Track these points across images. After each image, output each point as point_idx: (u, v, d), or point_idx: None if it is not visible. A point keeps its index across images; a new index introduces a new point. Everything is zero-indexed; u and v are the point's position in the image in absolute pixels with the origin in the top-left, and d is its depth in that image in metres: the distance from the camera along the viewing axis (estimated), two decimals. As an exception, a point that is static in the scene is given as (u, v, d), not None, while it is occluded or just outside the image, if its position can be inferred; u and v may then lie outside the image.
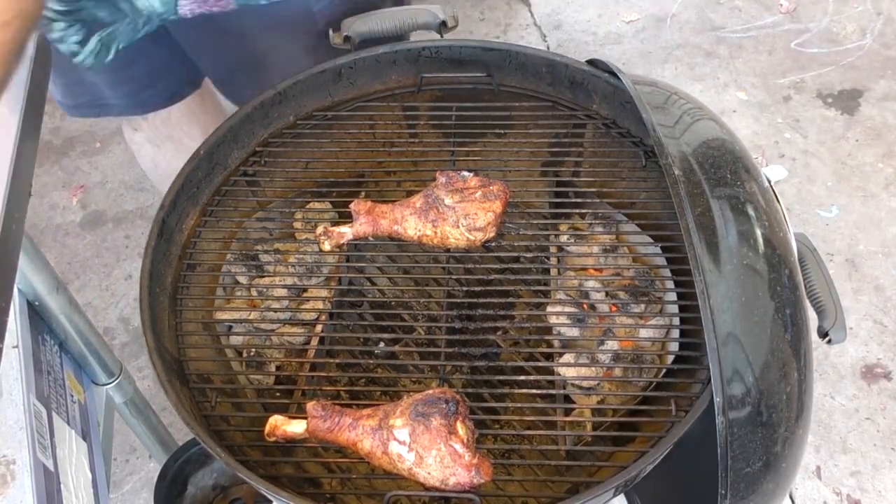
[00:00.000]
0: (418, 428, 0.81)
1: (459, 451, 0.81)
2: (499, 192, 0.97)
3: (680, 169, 0.86)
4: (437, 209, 0.97)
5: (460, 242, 0.97)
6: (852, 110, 2.39)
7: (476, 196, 0.96)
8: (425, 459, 0.81)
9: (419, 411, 0.82)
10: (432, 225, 0.96)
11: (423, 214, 0.97)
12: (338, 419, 0.85)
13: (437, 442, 0.80)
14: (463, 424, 0.82)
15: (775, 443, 0.81)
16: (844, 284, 2.01)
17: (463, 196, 0.97)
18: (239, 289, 1.10)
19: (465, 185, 0.98)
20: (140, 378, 1.90)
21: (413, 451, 0.81)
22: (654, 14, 2.70)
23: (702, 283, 0.79)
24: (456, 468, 0.80)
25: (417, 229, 0.97)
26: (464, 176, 0.98)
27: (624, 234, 1.12)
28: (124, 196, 2.31)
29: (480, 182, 0.98)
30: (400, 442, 0.82)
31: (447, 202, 0.96)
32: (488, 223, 0.96)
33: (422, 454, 0.81)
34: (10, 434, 0.91)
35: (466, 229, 0.95)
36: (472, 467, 0.81)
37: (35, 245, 1.01)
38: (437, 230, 0.96)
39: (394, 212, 0.99)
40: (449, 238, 0.97)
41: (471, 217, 0.95)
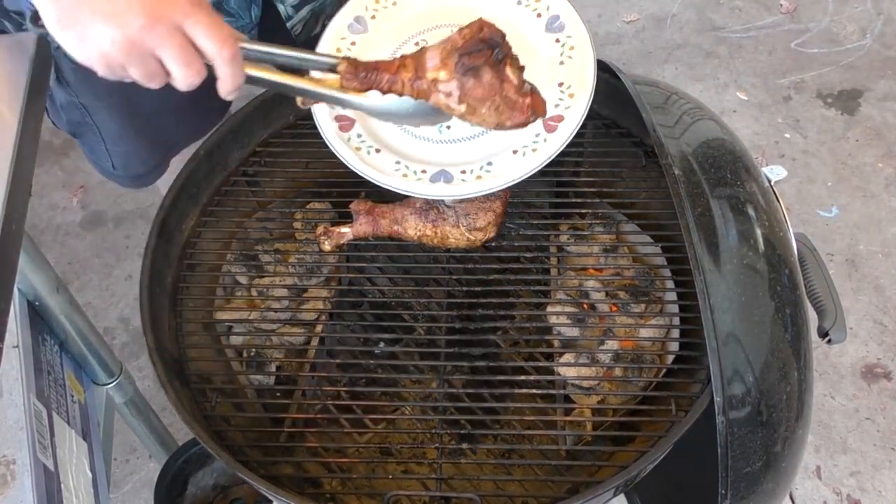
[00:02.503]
0: (467, 83, 0.77)
1: (513, 97, 0.79)
2: (499, 192, 0.97)
3: (680, 169, 0.86)
4: (438, 209, 0.97)
5: (460, 242, 0.97)
6: (852, 110, 2.39)
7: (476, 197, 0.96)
8: (478, 110, 0.79)
9: (465, 65, 0.76)
10: (432, 225, 0.96)
11: (423, 214, 0.97)
12: (374, 76, 0.78)
13: (492, 94, 0.78)
14: (511, 66, 0.78)
15: (775, 443, 0.82)
16: (844, 284, 2.01)
17: None
18: (239, 289, 1.10)
19: None
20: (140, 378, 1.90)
21: (464, 103, 0.78)
22: (654, 14, 2.70)
23: (702, 282, 0.79)
24: (512, 113, 0.80)
25: (417, 229, 0.97)
26: None
27: (624, 234, 1.12)
28: (124, 196, 2.31)
29: None
30: (446, 94, 0.78)
31: (447, 202, 0.96)
32: (488, 223, 0.95)
33: (474, 105, 0.79)
34: (10, 434, 0.91)
35: (467, 229, 0.95)
36: (526, 108, 0.80)
37: (35, 245, 1.01)
38: (437, 230, 0.96)
39: (394, 212, 0.98)
40: (449, 238, 0.96)
41: (471, 217, 0.95)
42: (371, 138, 0.94)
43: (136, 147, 1.25)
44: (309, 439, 1.01)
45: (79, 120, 1.20)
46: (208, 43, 0.71)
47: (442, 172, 0.90)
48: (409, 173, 0.90)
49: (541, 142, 0.89)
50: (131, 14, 0.68)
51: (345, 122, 0.94)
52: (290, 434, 0.94)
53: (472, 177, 0.89)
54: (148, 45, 0.69)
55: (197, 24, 0.70)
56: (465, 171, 0.90)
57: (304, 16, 1.15)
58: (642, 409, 0.94)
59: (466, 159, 0.92)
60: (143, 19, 0.68)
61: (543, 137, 0.89)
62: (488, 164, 0.90)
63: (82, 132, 1.23)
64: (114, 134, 1.22)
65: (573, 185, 1.12)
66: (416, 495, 0.91)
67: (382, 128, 0.95)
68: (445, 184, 0.89)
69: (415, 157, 0.93)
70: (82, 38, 0.70)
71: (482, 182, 0.89)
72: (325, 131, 0.94)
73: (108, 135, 1.22)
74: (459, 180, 0.89)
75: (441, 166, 0.91)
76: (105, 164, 1.29)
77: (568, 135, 0.88)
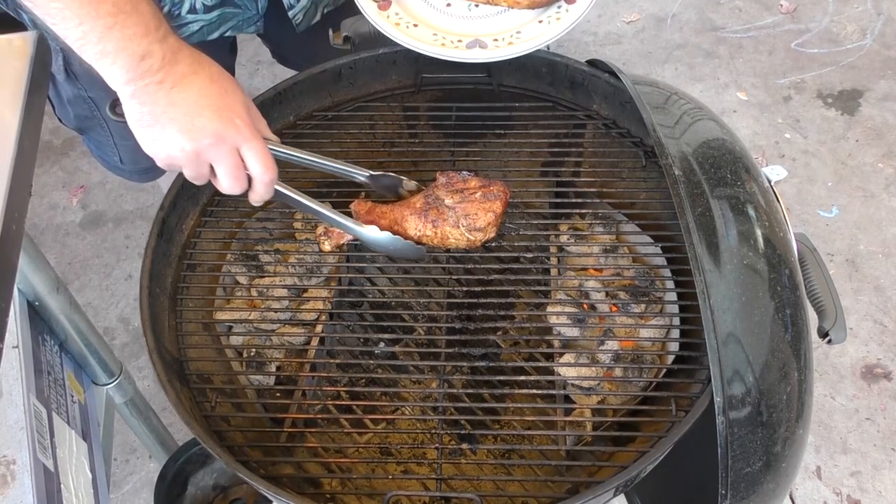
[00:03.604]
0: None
1: None
2: (499, 193, 0.97)
3: (680, 169, 0.86)
4: (438, 209, 0.97)
5: (460, 243, 0.97)
6: (852, 110, 2.39)
7: (476, 196, 0.97)
8: None
9: None
10: (432, 225, 0.97)
11: (423, 215, 0.97)
12: None
13: None
14: None
15: (775, 443, 0.81)
16: (844, 284, 2.01)
17: (463, 196, 0.97)
18: (239, 289, 1.10)
19: (465, 185, 0.98)
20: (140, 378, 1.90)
21: None
22: (654, 14, 2.70)
23: (702, 283, 0.79)
24: None
25: (417, 229, 0.97)
26: (464, 176, 0.99)
27: (624, 234, 1.12)
28: (124, 196, 2.31)
29: (481, 182, 0.98)
30: None
31: (447, 202, 0.97)
32: (488, 223, 0.96)
33: None
34: (10, 434, 0.91)
35: (467, 229, 0.96)
36: None
37: (35, 245, 1.01)
38: (437, 230, 0.97)
39: (394, 212, 0.99)
40: (449, 238, 0.97)
41: (471, 217, 0.96)
42: (408, 15, 1.06)
43: None
44: (309, 439, 1.01)
45: (87, 114, 1.20)
46: (258, 167, 0.83)
47: (476, 41, 1.03)
48: (447, 42, 1.03)
49: (563, 12, 1.03)
50: (203, 133, 0.79)
51: (383, 3, 1.07)
52: (290, 434, 0.94)
53: (504, 43, 1.02)
54: (209, 158, 0.81)
55: (251, 150, 0.82)
56: (497, 40, 1.03)
57: (305, 4, 1.16)
58: (642, 409, 0.94)
59: (498, 29, 1.05)
60: (212, 139, 0.79)
61: (566, 8, 1.03)
62: (517, 33, 1.03)
63: (90, 127, 1.24)
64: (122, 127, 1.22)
65: (573, 185, 1.12)
66: (416, 495, 0.91)
67: (417, 7, 1.07)
68: (481, 49, 1.02)
69: (450, 30, 1.05)
70: (156, 141, 0.80)
71: (513, 47, 1.01)
72: (366, 10, 1.05)
73: (116, 128, 1.22)
74: (493, 46, 1.02)
75: (475, 36, 1.04)
76: (112, 159, 1.30)
77: (588, 4, 1.01)
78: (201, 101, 0.79)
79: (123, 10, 0.74)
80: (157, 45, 0.76)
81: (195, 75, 0.79)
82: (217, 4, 1.09)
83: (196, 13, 1.09)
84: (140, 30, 0.75)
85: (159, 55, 0.76)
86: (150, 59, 0.76)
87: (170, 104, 0.78)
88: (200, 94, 0.79)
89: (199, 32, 1.12)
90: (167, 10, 1.08)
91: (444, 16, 1.07)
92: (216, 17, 1.11)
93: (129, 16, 0.74)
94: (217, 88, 0.81)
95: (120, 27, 0.74)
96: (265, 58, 2.43)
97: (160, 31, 0.77)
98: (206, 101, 0.79)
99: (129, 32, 0.74)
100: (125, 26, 0.74)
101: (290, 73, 1.27)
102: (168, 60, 0.77)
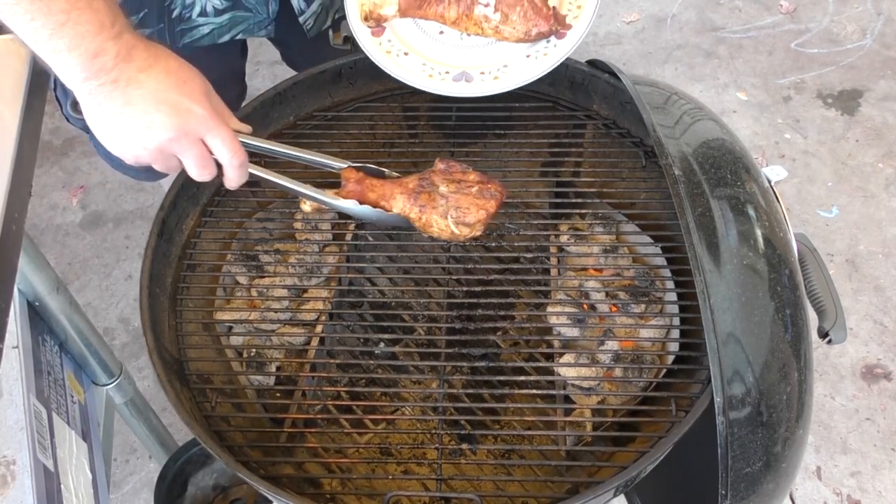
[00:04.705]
0: None
1: (538, 4, 1.00)
2: (495, 192, 0.96)
3: (680, 169, 0.86)
4: (430, 195, 0.94)
5: (444, 234, 0.94)
6: (852, 110, 2.39)
7: (472, 191, 0.95)
8: (510, 16, 1.00)
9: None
10: (419, 210, 0.93)
11: (413, 197, 0.94)
12: None
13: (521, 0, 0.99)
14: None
15: (775, 443, 0.81)
16: (844, 284, 2.01)
17: (459, 188, 0.95)
18: (239, 289, 1.10)
19: (463, 176, 0.96)
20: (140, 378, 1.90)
21: (498, 11, 1.00)
22: (654, 14, 2.70)
23: (702, 283, 0.79)
24: (538, 20, 1.00)
25: (403, 210, 0.94)
26: (464, 167, 0.97)
27: (624, 234, 1.12)
28: (124, 196, 2.31)
29: (479, 178, 0.97)
30: (485, 5, 1.02)
31: (441, 190, 0.94)
32: (478, 220, 0.93)
33: (506, 12, 1.00)
34: (10, 434, 0.91)
35: (454, 222, 0.93)
36: (549, 17, 1.00)
37: (35, 245, 1.01)
38: (422, 216, 0.93)
39: (384, 187, 0.95)
40: (433, 226, 0.94)
41: (462, 210, 0.93)
42: (400, 43, 1.07)
43: None
44: (309, 439, 1.01)
45: None
46: (224, 154, 0.82)
47: (463, 73, 1.03)
48: (434, 73, 1.03)
49: (551, 47, 1.02)
50: (163, 129, 0.78)
51: (376, 29, 1.08)
52: (290, 434, 0.94)
53: (489, 77, 1.02)
54: (173, 151, 0.80)
55: (215, 138, 0.81)
56: (483, 73, 1.03)
57: (316, 10, 1.16)
58: (642, 409, 0.94)
59: (485, 62, 1.04)
60: (173, 133, 0.78)
61: (553, 43, 1.02)
62: (504, 67, 1.03)
63: None
64: None
65: (573, 185, 1.12)
66: (416, 495, 0.91)
67: (410, 34, 1.08)
68: (466, 83, 1.02)
69: (439, 59, 1.05)
70: (117, 141, 0.80)
71: (498, 82, 1.01)
72: (359, 36, 1.06)
73: None
74: (479, 80, 1.02)
75: (462, 68, 1.04)
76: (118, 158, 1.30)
77: (576, 41, 1.01)
78: (158, 96, 0.77)
79: (77, 7, 0.72)
80: (110, 42, 0.74)
81: (151, 69, 0.78)
82: (228, 8, 1.09)
83: (207, 16, 1.09)
84: (94, 27, 0.73)
85: (113, 52, 0.75)
86: (104, 56, 0.74)
87: (126, 103, 0.77)
88: (157, 88, 0.78)
89: (209, 35, 1.11)
90: (177, 13, 1.08)
91: (435, 43, 1.07)
92: (227, 21, 1.11)
93: (82, 12, 0.73)
94: (174, 80, 0.79)
95: (72, 24, 0.72)
96: (265, 58, 2.43)
97: (115, 27, 0.75)
98: (163, 96, 0.78)
99: (82, 30, 0.73)
100: (77, 23, 0.72)
101: (290, 73, 1.27)
102: (122, 57, 0.76)
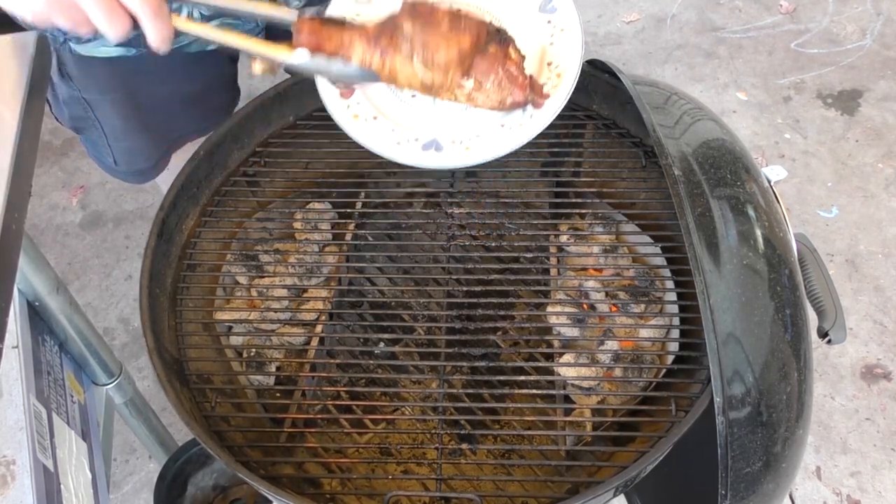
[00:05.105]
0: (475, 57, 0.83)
1: (514, 73, 0.86)
2: (469, 26, 0.82)
3: (680, 169, 0.86)
4: (391, 37, 0.81)
5: (413, 83, 0.83)
6: (852, 110, 2.39)
7: (442, 26, 0.81)
8: (484, 84, 0.85)
9: None
10: (381, 55, 0.81)
11: (373, 42, 0.81)
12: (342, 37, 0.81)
13: (495, 67, 0.83)
14: (514, 48, 0.85)
15: (775, 443, 0.81)
16: (844, 284, 2.01)
17: (425, 24, 0.82)
18: (239, 289, 1.10)
19: (431, 12, 0.83)
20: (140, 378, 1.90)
21: (472, 78, 0.84)
22: (654, 14, 2.70)
23: (702, 283, 0.79)
24: (513, 89, 0.86)
25: (363, 60, 0.82)
26: (434, 4, 0.84)
27: (624, 234, 1.12)
28: (124, 196, 2.31)
29: (449, 11, 0.83)
30: None
31: (405, 29, 0.81)
32: (449, 60, 0.81)
33: (480, 80, 0.84)
34: (10, 434, 0.91)
35: (421, 63, 0.81)
36: (525, 87, 0.87)
37: (35, 245, 1.01)
38: (385, 62, 0.81)
39: (342, 34, 0.82)
40: (399, 75, 0.82)
41: (429, 50, 0.80)
42: (370, 105, 0.98)
43: (138, 142, 1.25)
44: (309, 439, 1.01)
45: (81, 115, 1.20)
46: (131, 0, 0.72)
47: (434, 142, 0.95)
48: (403, 141, 0.96)
49: (527, 118, 0.92)
50: None
51: (345, 91, 0.99)
52: (290, 434, 0.94)
53: (461, 147, 0.94)
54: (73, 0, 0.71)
55: None
56: (454, 142, 0.95)
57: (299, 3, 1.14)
58: (642, 409, 0.94)
59: (457, 130, 0.96)
60: None
61: (530, 114, 0.92)
62: (476, 136, 0.95)
63: (84, 127, 1.23)
64: (116, 129, 1.22)
65: (573, 185, 1.12)
66: (416, 496, 0.91)
67: (381, 97, 0.99)
68: (436, 152, 0.94)
69: (410, 125, 0.97)
70: None
71: (470, 153, 0.93)
72: (325, 99, 0.99)
73: (110, 130, 1.22)
74: (449, 149, 0.94)
75: (433, 135, 0.96)
76: (107, 160, 1.29)
77: (554, 112, 0.91)
78: None
79: None
80: None
81: None
82: (215, 15, 1.09)
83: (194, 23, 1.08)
84: None
85: None
86: None
87: None
88: None
89: (197, 42, 1.11)
90: None
91: (407, 108, 0.99)
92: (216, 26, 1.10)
93: None
94: None
95: None
96: (265, 58, 2.43)
97: None
98: None
99: None
100: None
101: (290, 73, 1.27)
102: None
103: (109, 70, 1.13)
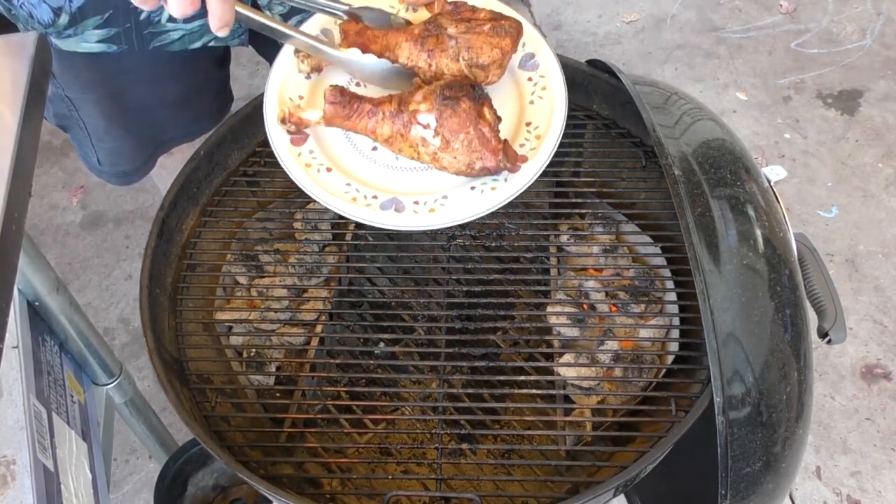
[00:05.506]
0: (445, 112, 0.79)
1: (487, 135, 0.80)
2: (510, 29, 0.85)
3: (680, 169, 0.86)
4: (437, 38, 0.84)
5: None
6: (852, 111, 2.39)
7: (485, 29, 0.85)
8: (451, 144, 0.80)
9: (446, 95, 0.79)
10: (428, 56, 0.84)
11: (419, 42, 0.84)
12: (357, 105, 0.83)
13: (466, 125, 0.79)
14: (489, 108, 0.81)
15: (775, 443, 0.81)
16: (844, 284, 2.01)
17: (469, 27, 0.85)
18: (239, 289, 1.10)
19: (473, 15, 0.87)
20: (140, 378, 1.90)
21: (439, 135, 0.80)
22: (654, 14, 2.70)
23: (702, 283, 0.79)
24: (483, 152, 0.80)
25: (410, 59, 0.85)
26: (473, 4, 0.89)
27: (624, 234, 1.12)
28: (124, 196, 2.31)
29: (492, 15, 0.87)
30: (424, 126, 0.81)
31: (450, 31, 0.84)
32: (493, 61, 0.84)
33: (448, 138, 0.80)
34: (10, 434, 0.91)
35: (467, 64, 0.84)
36: (498, 151, 0.81)
37: (35, 245, 1.01)
38: (432, 62, 0.84)
39: (387, 37, 0.86)
40: (444, 73, 0.85)
41: (474, 51, 0.84)
42: (323, 156, 0.89)
43: (122, 144, 1.25)
44: (309, 439, 1.01)
45: (65, 113, 1.20)
46: None
47: (394, 200, 0.85)
48: (360, 197, 0.85)
49: (501, 181, 0.85)
50: None
51: (297, 137, 0.89)
52: (290, 434, 0.94)
53: (424, 209, 0.84)
54: None
55: None
56: (417, 203, 0.85)
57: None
58: (642, 409, 0.94)
59: (422, 190, 0.87)
60: None
61: (504, 177, 0.85)
62: (443, 198, 0.85)
63: (69, 125, 1.23)
64: (99, 129, 1.21)
65: (573, 185, 1.12)
66: (416, 495, 0.91)
67: (338, 147, 0.90)
68: (396, 213, 0.84)
69: (367, 181, 0.87)
70: None
71: (434, 216, 0.83)
72: (275, 144, 0.89)
73: (94, 130, 1.21)
74: (411, 211, 0.84)
75: (394, 194, 0.86)
76: (91, 160, 1.28)
77: (530, 177, 0.84)
78: None
79: None
80: None
81: None
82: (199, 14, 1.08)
83: (176, 22, 1.06)
84: None
85: None
86: None
87: None
88: None
89: (179, 41, 1.09)
90: (145, 16, 1.06)
91: (366, 161, 0.88)
92: (198, 27, 1.09)
93: None
94: None
95: None
96: (265, 58, 2.43)
97: None
98: None
99: None
100: None
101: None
102: None
103: (92, 68, 1.12)
